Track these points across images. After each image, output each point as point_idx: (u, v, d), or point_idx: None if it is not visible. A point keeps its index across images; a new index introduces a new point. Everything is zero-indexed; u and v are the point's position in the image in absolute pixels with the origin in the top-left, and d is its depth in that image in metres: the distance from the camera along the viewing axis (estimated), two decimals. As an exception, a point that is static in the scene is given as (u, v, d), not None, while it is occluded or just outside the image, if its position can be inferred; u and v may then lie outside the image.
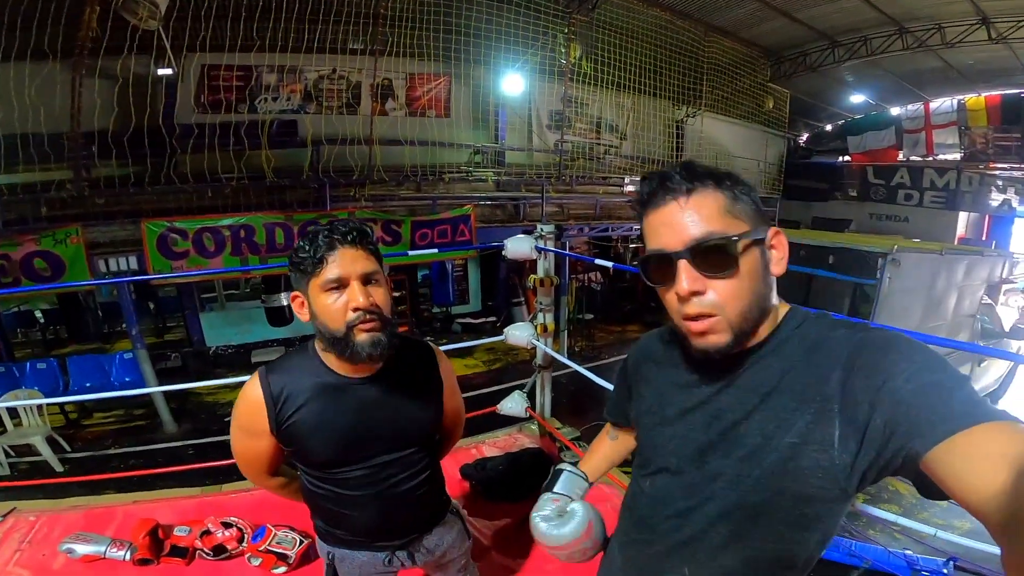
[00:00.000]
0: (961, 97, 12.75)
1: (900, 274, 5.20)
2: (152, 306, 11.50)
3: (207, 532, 2.06)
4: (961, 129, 12.81)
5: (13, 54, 5.15)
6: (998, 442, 0.54)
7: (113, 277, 6.24)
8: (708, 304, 0.72)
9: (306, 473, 1.21)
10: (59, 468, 5.41)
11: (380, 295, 1.06)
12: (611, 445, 1.18)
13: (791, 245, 0.79)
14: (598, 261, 2.87)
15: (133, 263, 6.22)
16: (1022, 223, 12.75)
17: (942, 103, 13.16)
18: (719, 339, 0.73)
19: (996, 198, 11.98)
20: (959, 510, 0.62)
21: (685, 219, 0.72)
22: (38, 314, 10.84)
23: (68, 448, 5.81)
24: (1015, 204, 11.84)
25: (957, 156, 13.08)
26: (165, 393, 6.39)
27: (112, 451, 5.98)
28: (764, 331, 0.76)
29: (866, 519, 3.83)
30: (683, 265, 0.72)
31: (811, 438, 0.68)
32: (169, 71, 6.45)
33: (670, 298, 0.75)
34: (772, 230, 0.75)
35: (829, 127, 16.13)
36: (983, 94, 12.36)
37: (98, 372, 6.64)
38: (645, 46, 9.56)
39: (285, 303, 7.69)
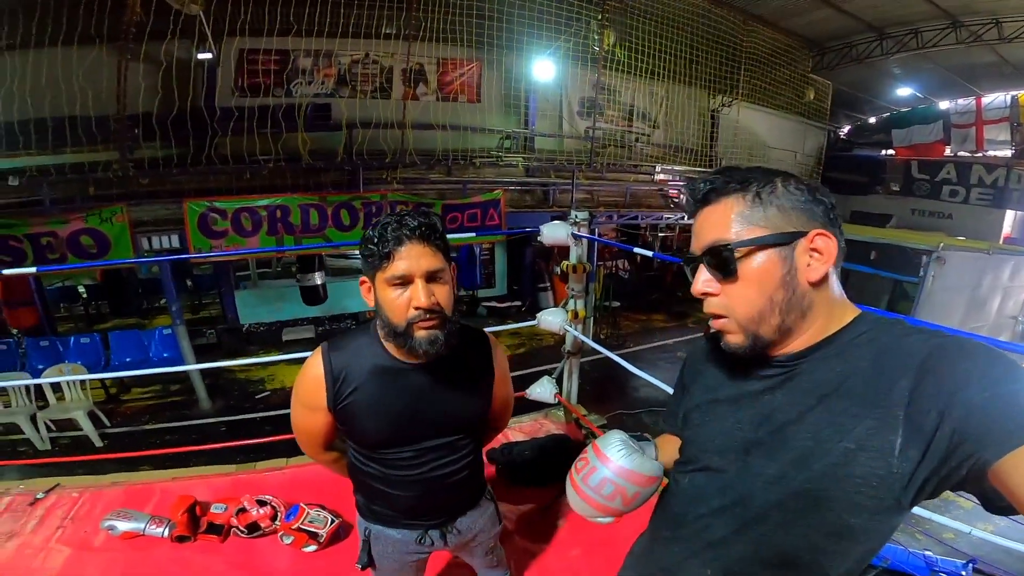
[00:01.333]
0: (1015, 92, 12.14)
1: (944, 272, 5.02)
2: (189, 283, 11.79)
3: (243, 510, 2.10)
4: (1013, 125, 12.21)
5: (60, 39, 5.30)
6: None
7: (156, 255, 6.46)
8: (716, 306, 0.78)
9: (355, 450, 1.26)
10: (98, 443, 5.52)
11: (443, 293, 1.08)
12: (669, 439, 1.05)
13: None
14: (636, 249, 2.86)
15: (175, 241, 6.41)
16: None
17: (995, 98, 12.55)
18: (734, 339, 0.77)
19: (1048, 196, 11.40)
20: (981, 512, 0.64)
21: (703, 227, 0.77)
22: (81, 289, 11.09)
23: (108, 423, 5.97)
24: (1068, 203, 11.22)
25: (1008, 153, 12.48)
26: (202, 370, 6.59)
27: (149, 426, 6.14)
28: (814, 333, 0.75)
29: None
30: (701, 268, 0.78)
31: (869, 444, 0.66)
32: (209, 55, 6.59)
33: None
34: (814, 233, 0.72)
35: (873, 119, 15.53)
36: (1039, 90, 11.73)
37: (138, 347, 6.83)
38: (681, 33, 9.33)
39: (319, 282, 7.83)
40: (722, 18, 9.85)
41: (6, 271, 2.88)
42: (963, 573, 2.48)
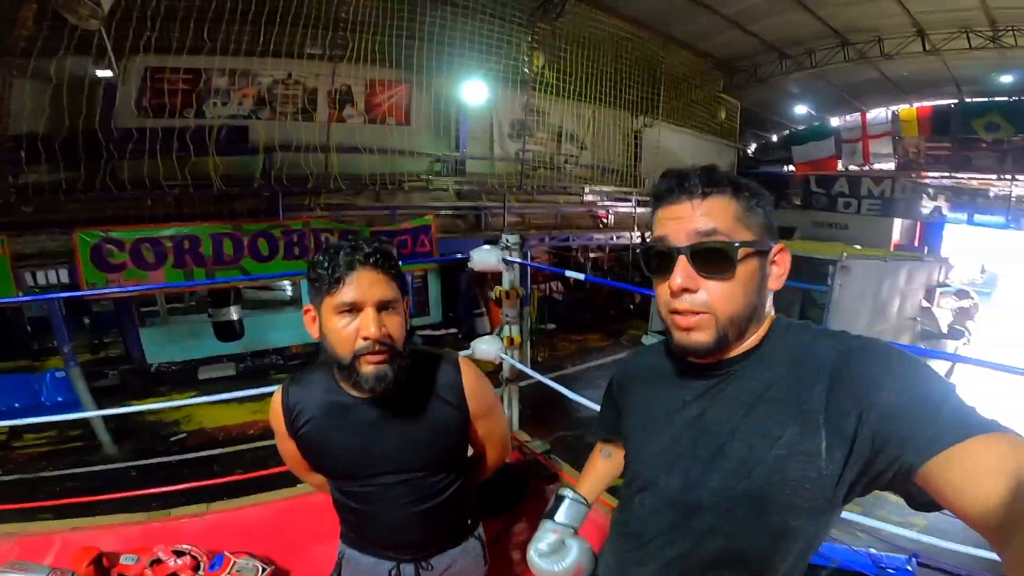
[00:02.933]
0: (895, 108, 13.60)
1: (849, 280, 5.42)
2: (87, 321, 10.75)
3: (157, 561, 1.90)
4: (895, 139, 13.65)
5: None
6: (994, 454, 0.55)
7: (42, 292, 5.80)
8: (698, 302, 0.74)
9: (327, 478, 1.24)
10: None
11: (394, 325, 1.02)
12: (605, 464, 1.18)
13: None
14: (568, 273, 2.84)
15: (64, 276, 5.80)
16: (951, 229, 13.65)
17: (878, 114, 14.00)
18: (701, 337, 0.75)
19: (927, 205, 12.76)
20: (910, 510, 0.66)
21: (695, 218, 0.74)
22: (-42, 330, 9.89)
23: None
24: (945, 211, 12.65)
25: (891, 165, 13.95)
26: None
27: (46, 473, 5.56)
28: (752, 341, 0.77)
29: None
30: (681, 261, 0.74)
31: (798, 449, 0.68)
32: (109, 73, 6.08)
33: (662, 289, 0.77)
34: (778, 246, 0.77)
35: (775, 137, 16.92)
36: (915, 105, 13.24)
37: (27, 392, 6.23)
38: (606, 57, 9.78)
39: (236, 317, 7.32)
40: (644, 41, 10.43)
41: None
42: (908, 567, 2.60)
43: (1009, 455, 0.54)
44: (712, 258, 0.73)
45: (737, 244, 0.72)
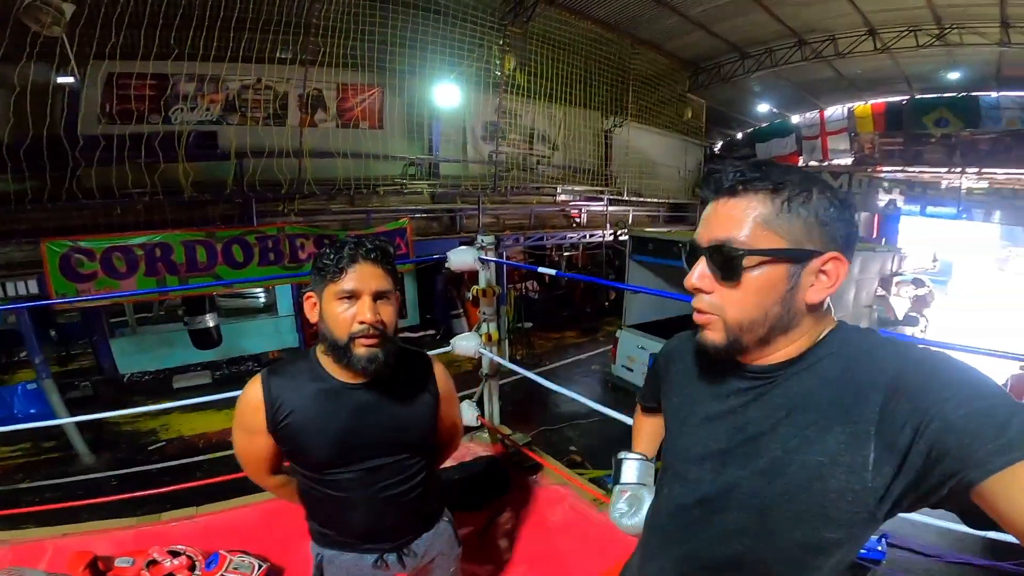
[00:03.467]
0: (851, 105, 14.13)
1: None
2: (54, 333, 10.38)
3: (153, 562, 1.93)
4: (851, 135, 14.21)
5: None
6: None
7: (10, 302, 5.62)
8: (707, 303, 0.75)
9: (302, 474, 1.25)
10: None
11: (387, 313, 1.14)
12: (651, 420, 1.18)
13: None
14: (541, 269, 2.96)
15: (33, 287, 5.63)
16: (906, 221, 14.26)
17: (835, 111, 14.56)
18: (713, 337, 0.75)
19: (883, 198, 13.27)
20: None
21: (716, 219, 0.73)
22: (-77, 343, 9.45)
23: None
24: (900, 203, 13.20)
25: (849, 161, 14.49)
26: (78, 424, 5.84)
27: (24, 485, 5.45)
28: (794, 348, 0.74)
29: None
30: (701, 261, 0.74)
31: (841, 459, 0.66)
32: (71, 79, 5.93)
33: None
34: (828, 256, 0.70)
35: (740, 135, 17.38)
36: (870, 102, 13.79)
37: None
38: (576, 58, 9.93)
39: (212, 324, 7.22)
40: (612, 43, 10.60)
41: None
42: (879, 547, 2.67)
43: None
44: (721, 263, 0.72)
45: (742, 252, 0.69)
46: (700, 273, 0.74)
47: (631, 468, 1.13)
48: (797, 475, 0.69)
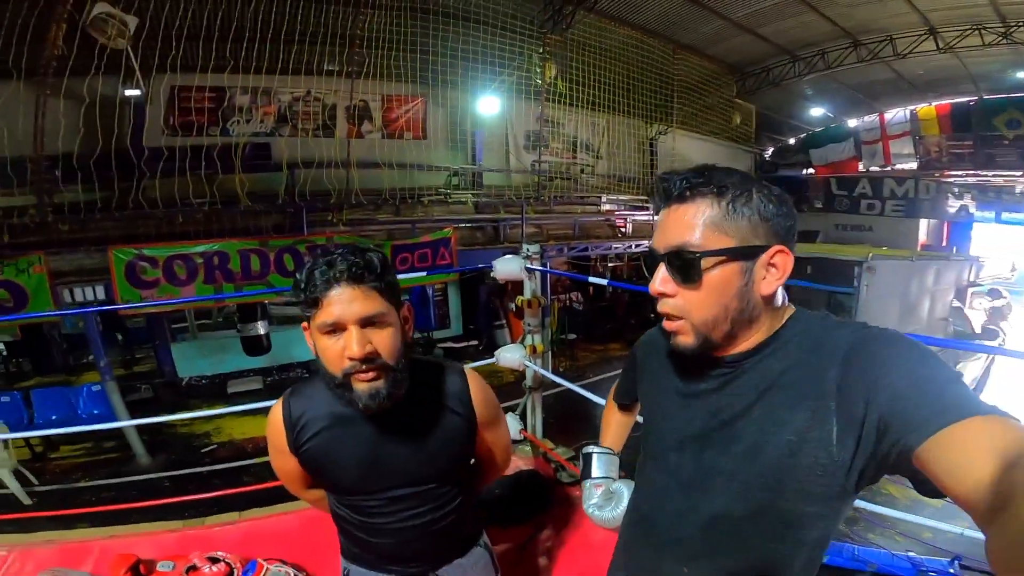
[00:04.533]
0: (913, 107, 13.33)
1: (875, 281, 5.34)
2: (120, 337, 11.04)
3: (193, 567, 1.92)
4: (915, 138, 13.38)
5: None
6: (988, 434, 0.55)
7: (79, 307, 5.98)
8: (673, 307, 0.78)
9: (329, 493, 1.20)
10: (27, 501, 5.16)
11: (383, 339, 0.97)
12: (621, 416, 1.24)
13: None
14: (591, 279, 2.87)
15: (100, 293, 5.97)
16: (980, 228, 13.29)
17: (896, 114, 13.75)
18: (685, 340, 0.78)
19: (953, 204, 12.46)
20: (954, 509, 0.62)
21: (670, 225, 0.76)
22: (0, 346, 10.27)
23: (35, 481, 5.53)
24: (972, 210, 12.33)
25: (913, 165, 13.64)
26: (138, 425, 6.11)
27: (82, 484, 5.70)
28: (757, 337, 0.78)
29: (865, 523, 3.84)
30: (661, 267, 0.77)
31: (810, 436, 0.69)
32: (137, 92, 6.30)
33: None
34: (774, 249, 0.74)
35: (792, 140, 16.71)
36: (934, 103, 12.96)
37: (64, 405, 6.33)
38: (617, 65, 9.81)
39: (263, 331, 7.45)
40: (654, 48, 10.43)
41: None
42: (951, 570, 2.53)
43: (1001, 436, 0.54)
44: (680, 268, 0.75)
45: (699, 255, 0.73)
46: (662, 278, 0.77)
47: (599, 462, 1.18)
48: (773, 453, 0.72)
